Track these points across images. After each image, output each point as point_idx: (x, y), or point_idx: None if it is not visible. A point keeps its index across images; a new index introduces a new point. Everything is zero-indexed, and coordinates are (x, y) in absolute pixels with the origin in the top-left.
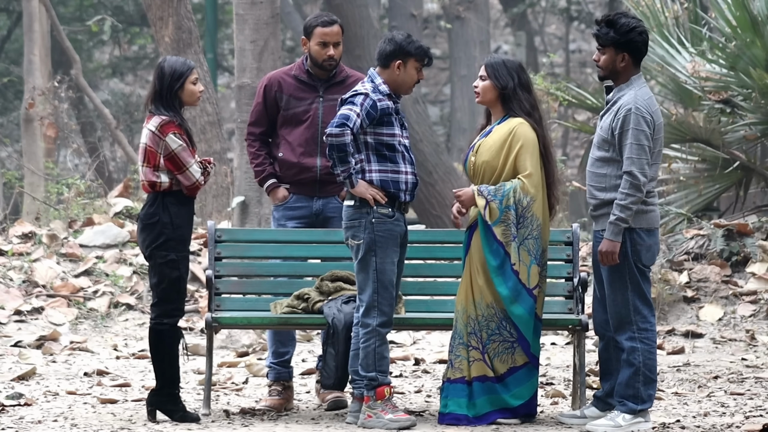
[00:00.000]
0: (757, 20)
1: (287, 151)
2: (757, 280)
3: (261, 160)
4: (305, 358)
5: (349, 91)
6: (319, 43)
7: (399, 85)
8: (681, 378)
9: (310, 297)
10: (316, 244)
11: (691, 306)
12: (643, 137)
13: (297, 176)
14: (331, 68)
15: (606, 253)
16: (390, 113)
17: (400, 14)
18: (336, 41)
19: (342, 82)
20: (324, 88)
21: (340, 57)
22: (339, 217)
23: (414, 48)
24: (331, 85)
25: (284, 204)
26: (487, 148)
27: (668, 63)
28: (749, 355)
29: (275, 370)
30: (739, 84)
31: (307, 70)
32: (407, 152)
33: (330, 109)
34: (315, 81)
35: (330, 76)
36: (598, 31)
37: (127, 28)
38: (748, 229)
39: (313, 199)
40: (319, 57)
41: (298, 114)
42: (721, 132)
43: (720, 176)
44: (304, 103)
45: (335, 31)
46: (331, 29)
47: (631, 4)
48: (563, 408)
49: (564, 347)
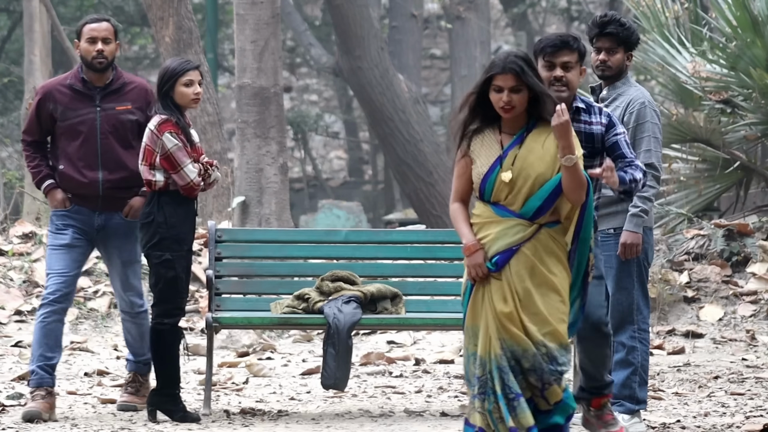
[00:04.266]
0: (758, 20)
1: (67, 165)
2: (758, 280)
3: (37, 162)
4: (305, 359)
5: (128, 99)
6: (87, 40)
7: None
8: (681, 378)
9: (311, 297)
10: (317, 244)
11: (692, 306)
12: (658, 131)
13: (78, 190)
14: (102, 66)
15: (630, 245)
16: None
17: (400, 14)
18: (105, 37)
19: (119, 90)
20: (100, 96)
21: (113, 57)
22: (122, 232)
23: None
24: (107, 94)
25: (65, 211)
26: (536, 158)
27: (669, 63)
28: (749, 355)
29: (39, 376)
30: (740, 84)
31: (82, 78)
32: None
33: (108, 118)
34: (91, 90)
35: (106, 84)
36: (618, 30)
37: (127, 28)
38: (749, 229)
39: (95, 214)
40: (87, 54)
41: (75, 125)
42: (722, 132)
43: (720, 176)
44: (81, 114)
45: (104, 27)
46: (99, 25)
47: (631, 4)
48: None
49: None
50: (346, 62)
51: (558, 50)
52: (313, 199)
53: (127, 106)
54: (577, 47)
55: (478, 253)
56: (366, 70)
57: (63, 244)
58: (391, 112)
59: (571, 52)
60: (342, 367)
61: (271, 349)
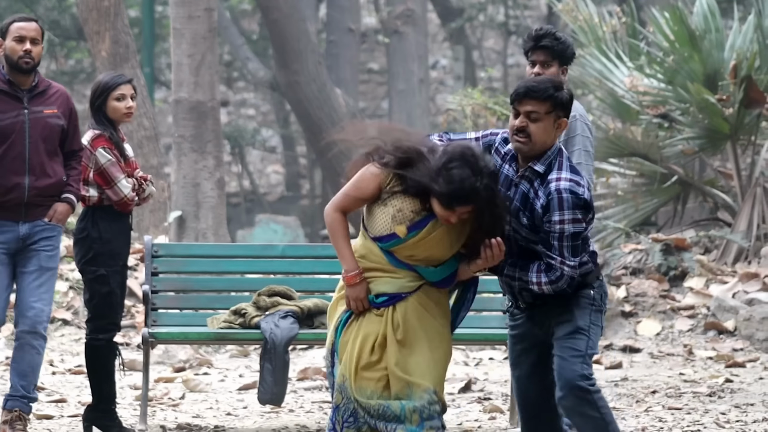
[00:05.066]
0: (695, 35)
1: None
2: (695, 294)
3: None
4: (242, 374)
5: (54, 103)
6: (15, 38)
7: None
8: (619, 393)
9: (248, 312)
10: (254, 258)
11: (629, 320)
12: (589, 144)
13: (2, 198)
14: (28, 67)
15: None
16: None
17: (338, 28)
18: (33, 37)
19: (44, 93)
20: (28, 99)
21: (39, 60)
22: (45, 236)
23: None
24: (34, 96)
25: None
26: (436, 242)
27: (606, 77)
28: (687, 369)
29: None
30: (677, 98)
31: (8, 80)
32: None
33: (37, 121)
34: (17, 91)
35: (32, 86)
36: (553, 44)
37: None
38: (686, 243)
39: (18, 224)
40: (14, 54)
41: (2, 128)
42: (659, 146)
43: (658, 190)
44: (9, 116)
45: (33, 26)
46: (28, 24)
47: (569, 18)
48: (501, 422)
49: (502, 362)
50: (283, 76)
51: (521, 98)
52: (250, 213)
53: (54, 110)
54: (549, 97)
55: (362, 285)
56: (303, 85)
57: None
58: (329, 126)
59: (538, 102)
60: (279, 382)
61: (207, 364)
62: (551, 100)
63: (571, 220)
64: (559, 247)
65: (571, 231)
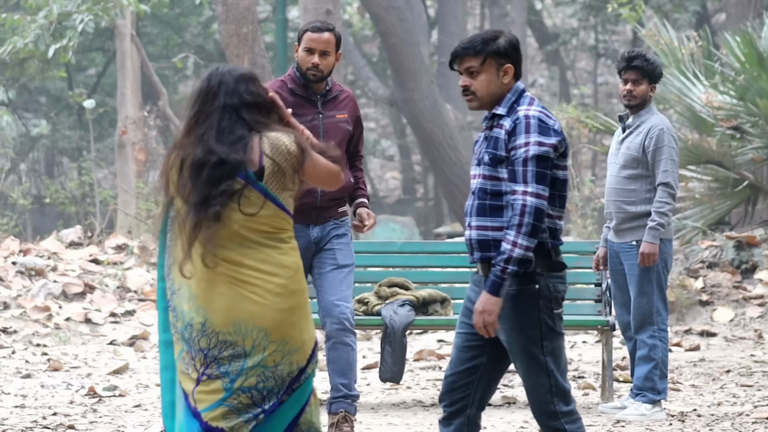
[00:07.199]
0: (763, 56)
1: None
2: (765, 285)
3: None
4: (365, 355)
5: (344, 108)
6: (305, 49)
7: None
8: (697, 372)
9: (370, 301)
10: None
11: (706, 308)
12: (675, 153)
13: (297, 201)
14: (315, 79)
15: (648, 255)
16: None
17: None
18: (323, 50)
19: (336, 98)
20: (321, 103)
21: (330, 71)
22: (338, 236)
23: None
24: (327, 101)
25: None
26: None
27: (685, 94)
28: (757, 351)
29: None
30: (748, 112)
31: (303, 84)
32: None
33: (330, 125)
34: (312, 95)
35: (326, 91)
36: (643, 65)
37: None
38: (756, 240)
39: (309, 227)
40: (303, 64)
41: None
42: (732, 155)
43: (731, 194)
44: (306, 121)
45: (324, 38)
46: (319, 36)
47: (651, 42)
48: (593, 398)
49: (593, 345)
50: (400, 94)
51: (457, 58)
52: None
53: (345, 115)
54: (480, 50)
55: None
56: (418, 101)
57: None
58: (440, 138)
59: (471, 57)
60: (398, 363)
61: None
62: (483, 53)
63: (537, 142)
64: (523, 173)
65: (537, 152)
